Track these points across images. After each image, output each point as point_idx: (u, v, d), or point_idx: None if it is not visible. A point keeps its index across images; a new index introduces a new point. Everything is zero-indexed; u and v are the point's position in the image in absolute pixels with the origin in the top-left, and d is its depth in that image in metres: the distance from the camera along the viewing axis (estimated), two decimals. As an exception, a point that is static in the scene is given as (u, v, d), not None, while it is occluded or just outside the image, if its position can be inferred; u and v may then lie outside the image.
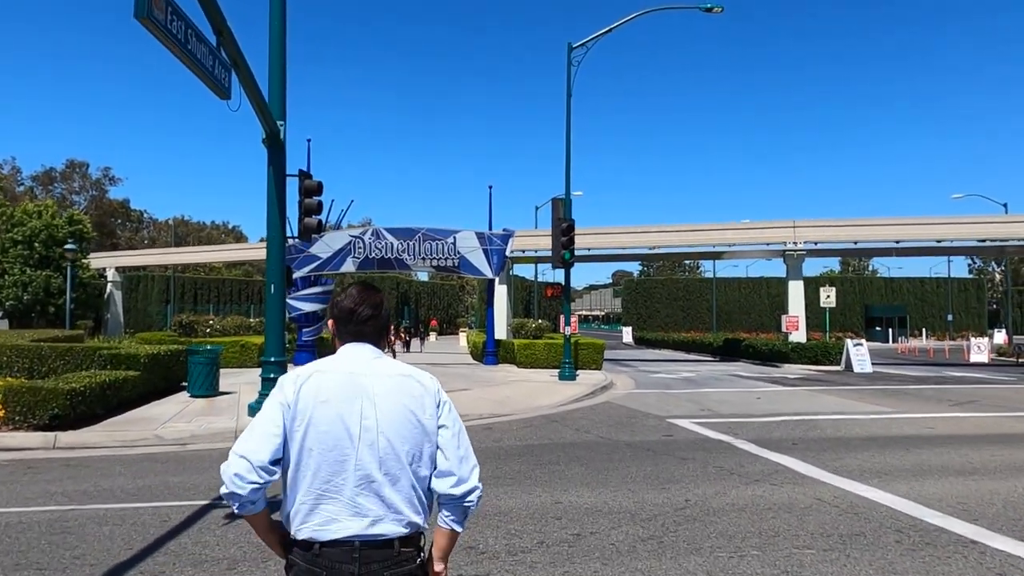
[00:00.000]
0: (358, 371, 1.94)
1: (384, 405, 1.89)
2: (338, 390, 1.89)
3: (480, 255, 23.43)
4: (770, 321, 59.86)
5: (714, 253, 31.17)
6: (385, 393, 1.91)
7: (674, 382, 20.49)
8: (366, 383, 1.91)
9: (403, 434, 1.89)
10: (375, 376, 1.94)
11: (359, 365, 1.96)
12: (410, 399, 1.93)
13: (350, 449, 1.84)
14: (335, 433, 1.85)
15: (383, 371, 1.96)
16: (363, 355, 1.99)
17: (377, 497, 1.84)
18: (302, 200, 12.76)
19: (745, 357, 30.50)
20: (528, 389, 17.30)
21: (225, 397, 14.35)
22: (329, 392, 1.88)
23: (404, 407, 1.91)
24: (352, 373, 1.93)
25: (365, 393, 1.89)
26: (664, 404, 14.98)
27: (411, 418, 1.91)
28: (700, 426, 11.79)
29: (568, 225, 18.68)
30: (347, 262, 23.14)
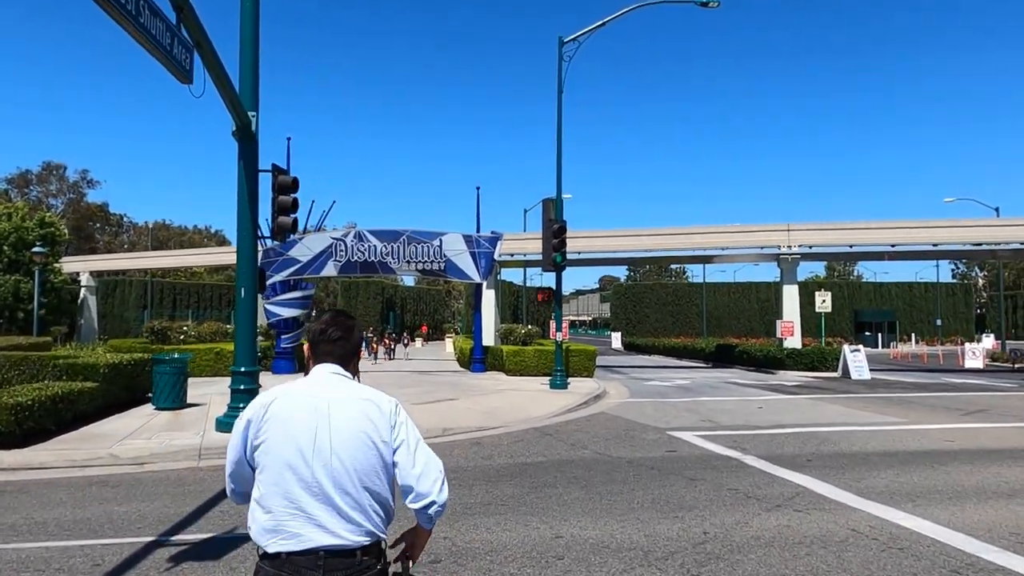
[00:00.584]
0: (320, 394, 2.08)
1: (339, 427, 2.02)
2: (297, 413, 2.04)
3: (467, 258, 22.56)
4: (759, 326, 59.47)
5: (706, 257, 30.55)
6: (342, 416, 2.04)
7: (669, 390, 19.72)
8: (324, 407, 2.05)
9: (357, 455, 2.01)
10: (335, 400, 2.07)
11: (322, 388, 2.11)
12: (367, 422, 2.06)
13: (305, 469, 1.98)
14: (291, 454, 1.99)
15: (344, 395, 2.10)
16: (328, 378, 2.15)
17: (335, 511, 1.97)
18: (276, 197, 11.85)
19: (739, 363, 29.84)
20: (518, 399, 16.45)
21: (193, 410, 13.36)
22: (288, 414, 2.04)
23: (360, 430, 2.04)
24: (314, 396, 2.08)
25: (322, 416, 2.03)
26: (662, 415, 14.19)
27: (366, 440, 2.03)
28: (704, 439, 11.00)
29: (559, 227, 17.88)
30: (328, 266, 22.18)
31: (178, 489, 7.76)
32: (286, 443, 2.00)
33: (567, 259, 30.07)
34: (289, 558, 1.94)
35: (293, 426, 2.02)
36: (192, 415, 12.80)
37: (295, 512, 1.96)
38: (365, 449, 2.02)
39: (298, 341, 23.14)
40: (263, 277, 12.37)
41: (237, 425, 2.12)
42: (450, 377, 22.05)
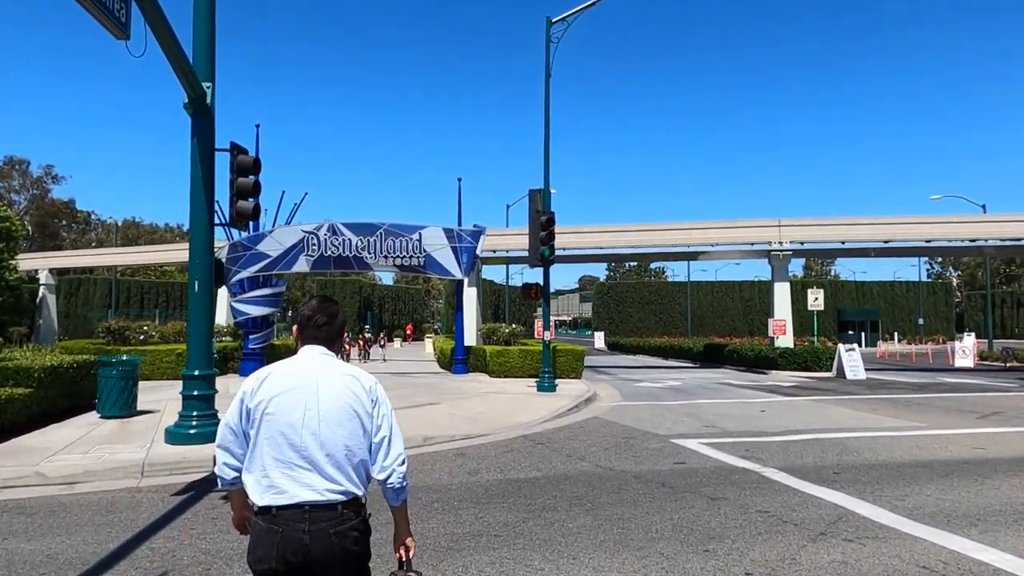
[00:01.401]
0: (307, 370, 2.38)
1: (326, 399, 2.33)
2: (288, 387, 2.33)
3: (448, 253, 21.33)
4: (743, 325, 59.00)
5: (695, 253, 29.66)
6: (329, 389, 2.35)
7: (662, 392, 18.70)
8: (312, 382, 2.35)
9: (341, 424, 2.32)
10: (322, 376, 2.37)
11: (309, 365, 2.40)
12: (350, 395, 2.37)
13: (296, 435, 2.28)
14: (283, 423, 2.28)
15: (330, 371, 2.40)
16: (315, 357, 2.43)
17: (319, 472, 2.27)
18: (235, 179, 10.56)
19: (728, 363, 28.99)
20: (504, 403, 15.29)
21: (144, 418, 12.00)
22: (281, 388, 2.32)
23: (344, 402, 2.35)
24: (302, 372, 2.37)
25: (311, 389, 2.33)
26: (660, 420, 13.13)
27: (349, 411, 2.35)
28: (713, 448, 9.94)
29: (548, 218, 16.76)
30: (300, 261, 20.82)
31: (107, 518, 6.49)
32: (279, 413, 2.28)
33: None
34: (279, 511, 2.23)
35: (286, 398, 2.30)
36: (141, 424, 11.45)
37: (285, 472, 2.25)
38: (348, 419, 2.33)
39: (268, 341, 21.73)
40: (221, 270, 11.06)
41: (235, 398, 2.39)
42: (430, 379, 20.82)
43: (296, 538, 2.19)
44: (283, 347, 25.84)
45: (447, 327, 57.46)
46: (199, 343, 10.24)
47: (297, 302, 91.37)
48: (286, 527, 2.20)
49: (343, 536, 2.24)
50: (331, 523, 2.22)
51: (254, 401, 2.32)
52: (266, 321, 21.61)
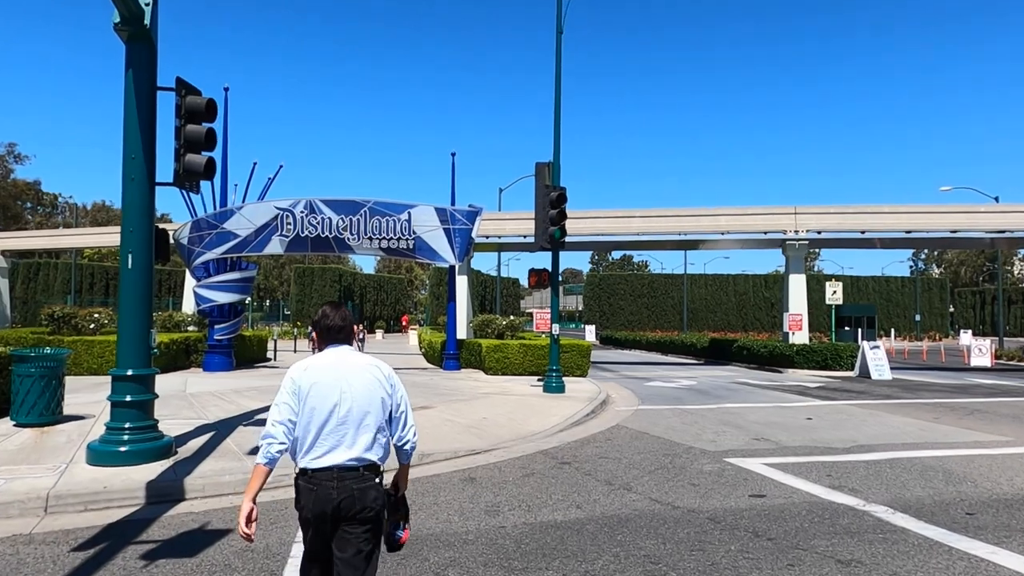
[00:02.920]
0: (339, 363, 2.99)
1: (355, 384, 2.94)
2: (326, 376, 2.93)
3: (440, 236, 19.09)
4: (737, 320, 57.42)
5: (703, 242, 27.69)
6: (357, 377, 2.97)
7: (681, 394, 16.70)
8: (344, 371, 2.97)
9: (367, 403, 2.94)
10: (349, 366, 3.00)
11: (339, 359, 3.01)
12: (374, 380, 3.00)
13: (333, 414, 2.88)
14: (324, 404, 2.88)
15: (355, 362, 3.03)
16: (342, 353, 3.05)
17: (352, 441, 2.88)
18: (182, 127, 8.26)
19: (737, 360, 27.12)
20: (509, 406, 13.17)
21: (69, 426, 9.69)
22: (320, 377, 2.93)
23: (368, 386, 2.97)
24: (334, 365, 2.98)
25: (344, 377, 2.94)
26: (697, 429, 11.11)
27: (373, 393, 2.97)
28: (785, 472, 7.93)
29: (559, 194, 14.62)
30: (273, 241, 18.47)
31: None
32: (319, 397, 2.88)
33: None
34: (315, 473, 2.85)
35: (323, 385, 2.91)
36: (64, 435, 9.15)
37: (323, 442, 2.86)
38: (373, 399, 2.96)
39: (235, 332, 19.36)
40: (164, 241, 8.79)
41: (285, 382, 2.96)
42: (419, 376, 18.62)
43: (326, 493, 2.81)
44: (255, 339, 23.47)
45: (431, 318, 55.13)
46: (133, 334, 7.99)
47: (274, 291, 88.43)
48: (319, 485, 2.82)
49: (364, 491, 2.86)
50: (355, 479, 2.85)
51: (301, 387, 2.90)
52: (234, 309, 19.23)
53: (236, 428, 9.87)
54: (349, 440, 2.85)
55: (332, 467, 2.81)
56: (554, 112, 15.28)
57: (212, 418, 10.71)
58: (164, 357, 17.99)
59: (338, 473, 2.81)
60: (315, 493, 2.79)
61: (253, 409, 11.68)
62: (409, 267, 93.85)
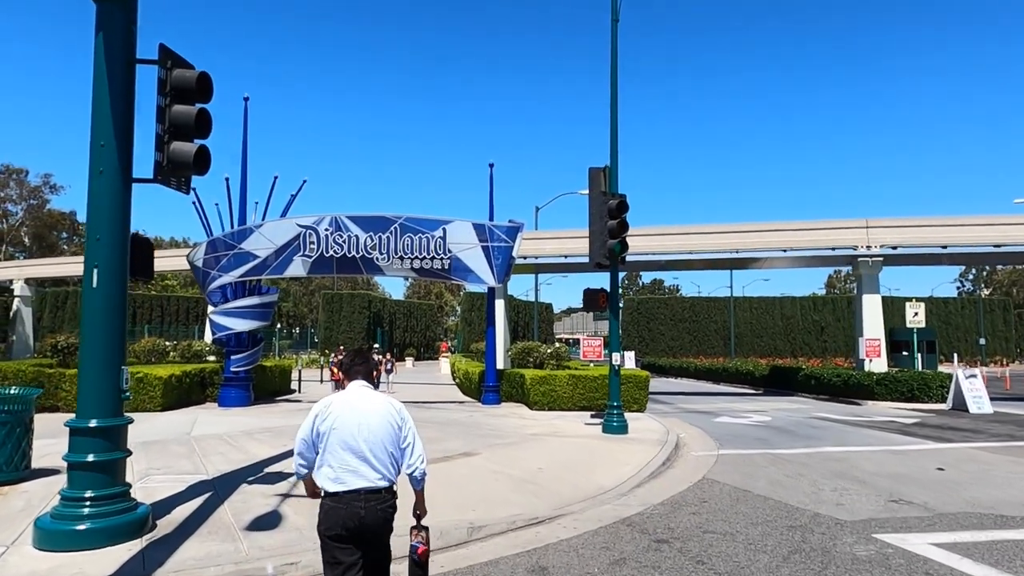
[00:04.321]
0: (358, 399, 3.65)
1: (373, 418, 3.56)
2: (347, 409, 3.56)
3: (478, 254, 17.19)
4: (784, 345, 54.32)
5: (761, 260, 25.31)
6: (373, 411, 3.59)
7: (761, 433, 14.38)
8: (362, 406, 3.59)
9: (383, 434, 3.55)
10: (367, 402, 3.63)
11: (358, 396, 3.67)
12: (388, 414, 3.62)
13: (353, 443, 3.48)
14: (345, 435, 3.49)
15: (372, 399, 3.66)
16: (361, 390, 3.72)
17: (370, 467, 3.46)
18: (167, 107, 6.49)
19: (803, 390, 24.53)
20: (566, 452, 11.05)
21: (36, 484, 7.86)
22: (341, 411, 3.56)
23: (384, 420, 3.58)
24: (355, 400, 3.63)
25: (362, 411, 3.56)
26: (807, 485, 8.88)
27: (388, 426, 3.58)
28: (972, 561, 5.71)
29: (619, 202, 12.63)
30: (294, 262, 16.76)
31: None
32: (342, 428, 3.49)
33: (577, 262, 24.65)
34: (343, 495, 3.41)
35: (345, 418, 3.51)
36: (25, 498, 7.31)
37: (348, 468, 3.44)
38: (388, 430, 3.57)
39: (254, 363, 17.57)
40: (146, 253, 6.98)
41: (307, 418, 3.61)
42: (456, 413, 16.57)
43: (355, 512, 3.38)
44: (277, 370, 21.74)
45: (463, 345, 53.13)
46: (97, 373, 6.17)
47: (303, 318, 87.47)
48: (348, 506, 3.39)
49: (385, 510, 3.47)
50: (378, 502, 3.44)
51: (324, 423, 3.52)
52: (252, 338, 17.48)
53: (238, 487, 7.94)
54: (370, 468, 3.47)
55: (359, 490, 3.43)
56: (610, 109, 13.37)
57: (212, 471, 8.80)
58: (176, 392, 16.28)
59: (364, 495, 3.43)
60: (344, 511, 3.40)
61: (263, 458, 9.75)
62: (439, 292, 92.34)
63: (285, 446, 10.80)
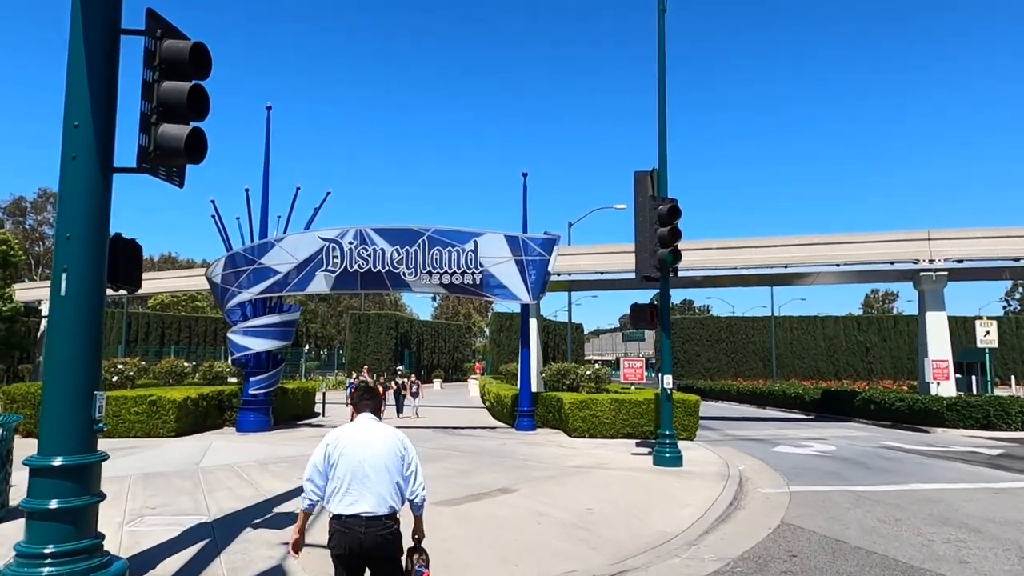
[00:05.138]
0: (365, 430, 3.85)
1: (378, 448, 3.75)
2: (354, 440, 3.77)
3: (512, 269, 16.03)
4: (827, 366, 52.00)
5: (812, 275, 23.72)
6: (379, 442, 3.79)
7: (830, 465, 12.85)
8: (369, 438, 3.80)
9: (388, 463, 3.73)
10: (374, 434, 3.83)
11: (365, 428, 3.87)
12: (393, 445, 3.81)
13: (360, 471, 3.67)
14: (353, 463, 3.68)
15: (379, 432, 3.86)
16: (368, 423, 3.92)
17: (374, 494, 3.64)
18: (155, 83, 5.48)
19: (861, 415, 22.73)
20: (616, 488, 9.71)
21: (11, 527, 6.80)
22: (349, 441, 3.76)
23: (390, 449, 3.78)
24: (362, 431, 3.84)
25: (369, 442, 3.77)
26: (912, 535, 7.44)
27: (393, 456, 3.77)
28: None
29: (671, 207, 11.39)
30: (317, 278, 15.79)
31: None
32: (349, 456, 3.68)
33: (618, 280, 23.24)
34: (346, 519, 3.59)
35: (353, 447, 3.72)
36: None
37: (353, 494, 3.62)
38: (393, 459, 3.76)
39: (274, 385, 16.55)
40: (129, 253, 5.92)
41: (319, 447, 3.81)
42: (489, 440, 15.29)
43: (355, 536, 3.56)
44: (300, 392, 20.72)
45: (493, 367, 51.86)
46: (64, 400, 5.07)
47: (331, 340, 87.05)
48: (350, 530, 3.57)
49: (385, 536, 3.61)
50: (378, 527, 3.59)
51: (335, 451, 3.72)
52: (273, 359, 16.50)
53: (241, 532, 6.79)
54: (372, 493, 3.64)
55: (359, 515, 3.58)
56: (657, 107, 12.19)
57: (215, 511, 7.68)
58: (191, 416, 15.31)
59: (365, 520, 3.58)
60: (347, 535, 3.58)
61: (274, 495, 8.61)
62: (467, 313, 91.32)
63: (300, 480, 9.65)
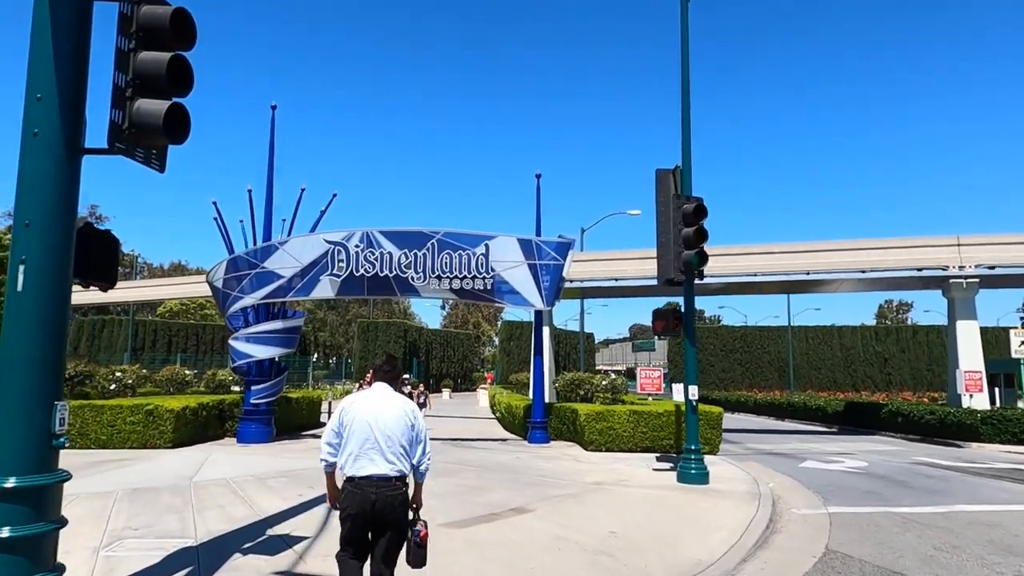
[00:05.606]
0: (378, 397, 4.16)
1: (389, 415, 4.06)
2: (367, 407, 4.08)
3: (525, 274, 15.35)
4: (844, 378, 50.90)
5: (833, 282, 22.91)
6: (390, 409, 4.09)
7: (866, 483, 12.02)
8: (380, 404, 4.11)
9: (397, 429, 4.04)
10: (385, 402, 4.14)
11: (379, 395, 4.19)
12: (403, 411, 4.12)
13: (371, 434, 3.99)
14: (365, 427, 3.99)
15: (391, 400, 4.17)
16: (383, 391, 4.23)
17: (383, 457, 3.96)
18: (132, 52, 4.85)
19: (887, 429, 21.81)
20: (642, 509, 8.94)
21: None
22: (362, 406, 4.08)
23: (399, 415, 4.08)
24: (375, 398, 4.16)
25: (380, 409, 4.07)
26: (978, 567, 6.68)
27: (402, 420, 4.07)
28: None
29: (696, 206, 10.69)
30: (321, 282, 15.17)
31: None
32: (361, 421, 4.00)
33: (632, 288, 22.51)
34: (359, 480, 3.92)
35: (364, 413, 4.03)
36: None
37: (364, 456, 3.95)
38: (402, 425, 4.06)
39: (276, 394, 15.90)
40: (102, 246, 5.31)
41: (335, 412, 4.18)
42: (502, 453, 14.55)
43: (367, 496, 3.87)
44: (304, 401, 20.07)
45: (502, 376, 51.09)
46: (19, 408, 4.42)
47: (340, 348, 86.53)
48: (362, 490, 3.89)
49: (394, 496, 3.93)
50: (388, 488, 3.92)
51: (347, 415, 4.05)
52: (275, 367, 15.86)
53: (228, 559, 6.09)
54: (382, 457, 3.95)
55: (371, 476, 3.91)
56: (681, 100, 11.51)
57: (202, 533, 6.99)
58: (190, 426, 14.68)
59: (376, 481, 3.91)
60: (358, 496, 3.90)
61: (269, 514, 7.91)
62: (476, 322, 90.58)
63: (300, 497, 8.98)
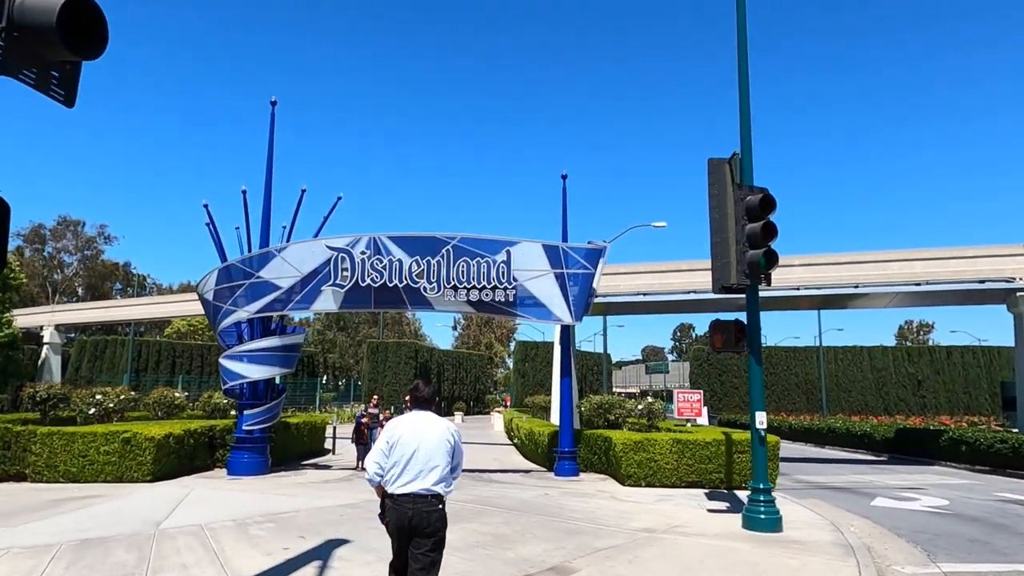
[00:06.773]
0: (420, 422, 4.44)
1: (430, 438, 4.36)
2: (410, 430, 4.38)
3: (551, 284, 13.66)
4: (876, 401, 48.48)
5: (883, 296, 21.04)
6: (431, 432, 4.38)
7: (959, 527, 10.11)
8: (423, 428, 4.40)
9: (438, 451, 4.34)
10: (427, 425, 4.42)
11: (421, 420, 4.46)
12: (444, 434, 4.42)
13: (411, 455, 4.28)
14: (407, 450, 4.29)
15: (432, 423, 4.45)
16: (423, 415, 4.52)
17: (424, 476, 4.25)
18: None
19: (947, 458, 19.74)
20: (712, 568, 7.13)
21: None
22: (405, 431, 4.37)
23: (440, 440, 4.38)
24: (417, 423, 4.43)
25: (423, 432, 4.37)
26: None
27: (442, 443, 4.38)
28: None
29: (763, 197, 9.01)
30: (323, 293, 13.56)
31: None
32: (405, 444, 4.29)
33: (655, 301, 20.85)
34: (398, 497, 4.24)
35: (408, 436, 4.34)
36: None
37: (405, 476, 4.24)
38: (442, 448, 4.36)
39: (273, 420, 14.20)
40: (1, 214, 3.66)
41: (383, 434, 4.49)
42: (527, 490, 12.72)
43: (405, 512, 4.21)
44: (305, 427, 18.35)
45: (517, 399, 49.17)
46: None
47: (349, 370, 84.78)
48: (400, 506, 4.23)
49: (430, 513, 4.23)
50: (424, 505, 4.21)
51: (393, 438, 4.35)
52: (272, 389, 14.20)
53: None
54: (422, 476, 4.24)
55: (410, 494, 4.21)
56: (739, 83, 9.89)
57: (149, 610, 5.26)
58: (174, 456, 13.01)
59: (413, 499, 4.20)
60: (396, 511, 4.21)
61: (243, 579, 6.17)
62: (489, 343, 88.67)
63: (287, 551, 7.23)
